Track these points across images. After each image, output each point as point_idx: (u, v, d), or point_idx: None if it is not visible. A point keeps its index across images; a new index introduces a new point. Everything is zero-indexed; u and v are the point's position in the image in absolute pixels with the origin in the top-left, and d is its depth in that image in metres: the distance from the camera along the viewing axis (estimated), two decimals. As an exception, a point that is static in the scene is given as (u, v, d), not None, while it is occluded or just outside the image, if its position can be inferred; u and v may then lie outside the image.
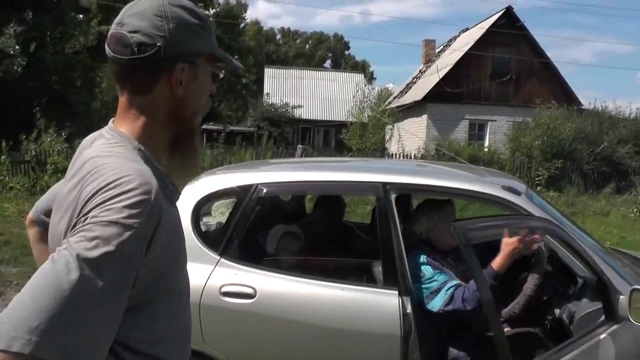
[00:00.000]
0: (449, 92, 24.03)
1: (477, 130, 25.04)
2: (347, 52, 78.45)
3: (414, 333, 2.73)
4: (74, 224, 1.07)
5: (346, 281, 3.00)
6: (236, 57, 50.49)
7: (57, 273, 0.96)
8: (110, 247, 1.00)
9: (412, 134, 24.33)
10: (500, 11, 25.42)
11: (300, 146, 15.39)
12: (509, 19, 24.95)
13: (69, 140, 15.41)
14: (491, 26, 24.96)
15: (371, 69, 72.83)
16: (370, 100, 27.05)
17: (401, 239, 2.90)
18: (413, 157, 19.52)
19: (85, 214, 1.05)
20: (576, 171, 18.88)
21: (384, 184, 3.04)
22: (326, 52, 76.40)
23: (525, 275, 3.10)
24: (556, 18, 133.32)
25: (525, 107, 22.95)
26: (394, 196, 3.01)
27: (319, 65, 64.07)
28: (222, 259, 2.99)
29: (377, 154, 21.75)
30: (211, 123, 34.63)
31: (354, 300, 2.87)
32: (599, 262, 2.69)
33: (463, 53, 24.92)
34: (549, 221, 2.75)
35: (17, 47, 24.40)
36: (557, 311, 3.09)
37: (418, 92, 26.25)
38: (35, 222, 1.67)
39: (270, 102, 34.39)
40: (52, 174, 13.65)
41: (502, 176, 3.96)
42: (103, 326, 0.99)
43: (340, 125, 30.32)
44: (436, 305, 2.88)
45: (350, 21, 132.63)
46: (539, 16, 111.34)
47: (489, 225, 2.49)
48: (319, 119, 36.06)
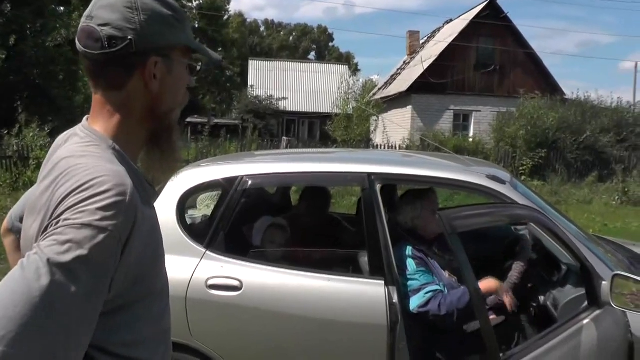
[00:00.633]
0: (434, 83, 24.08)
1: (462, 121, 25.13)
2: (331, 44, 78.36)
3: (401, 323, 2.73)
4: (46, 227, 1.02)
5: (332, 272, 3.00)
6: (220, 49, 50.38)
7: (27, 279, 0.91)
8: (84, 250, 0.95)
9: (397, 124, 24.37)
10: (483, 2, 25.44)
11: (285, 138, 15.36)
12: (492, 10, 25.01)
13: (52, 134, 15.21)
14: (475, 17, 25.00)
15: (356, 60, 72.85)
16: (355, 91, 27.05)
17: (387, 229, 2.90)
18: (398, 148, 19.56)
19: (57, 216, 1.01)
20: (560, 160, 19.05)
21: (369, 174, 3.03)
22: (310, 44, 76.23)
23: (510, 263, 3.12)
24: (540, 9, 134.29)
25: (510, 97, 23.08)
26: (379, 186, 3.01)
27: (303, 57, 63.90)
28: (208, 252, 2.97)
29: (362, 145, 21.77)
30: (196, 116, 34.45)
31: (340, 291, 2.87)
32: (582, 249, 2.71)
33: (447, 44, 24.95)
34: (534, 209, 2.77)
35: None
36: (541, 298, 3.11)
37: (402, 84, 26.27)
38: (10, 231, 1.61)
39: (255, 95, 34.24)
40: (35, 169, 13.44)
41: (487, 165, 3.98)
42: (76, 334, 0.95)
43: (325, 117, 30.32)
44: (412, 304, 2.89)
45: (335, 13, 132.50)
46: (522, 7, 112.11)
47: (474, 214, 2.49)
48: (303, 111, 36.00)
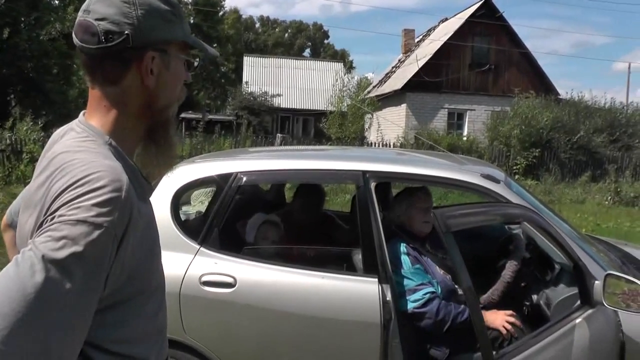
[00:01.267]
0: (428, 82, 24.08)
1: (456, 120, 25.17)
2: (326, 41, 78.34)
3: (394, 320, 2.73)
4: (41, 223, 1.01)
5: (326, 269, 2.98)
6: (215, 45, 50.31)
7: (21, 276, 0.91)
8: (79, 247, 0.95)
9: (392, 122, 24.39)
10: (479, 1, 25.47)
11: (279, 135, 15.31)
12: (488, 10, 25.03)
13: (46, 128, 15.17)
14: (470, 16, 25.02)
15: (350, 58, 72.74)
16: (349, 89, 27.04)
17: (381, 227, 2.90)
18: (392, 146, 19.56)
19: (52, 212, 1.00)
20: (553, 160, 19.10)
21: (364, 172, 3.03)
22: (305, 41, 76.18)
23: (504, 262, 3.13)
24: (535, 9, 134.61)
25: (504, 96, 23.14)
26: (373, 184, 3.00)
27: (298, 54, 63.87)
28: (201, 248, 2.96)
29: (357, 142, 21.77)
30: (190, 112, 34.36)
31: (334, 288, 2.87)
32: (575, 248, 2.72)
33: (442, 43, 24.96)
34: (528, 208, 2.77)
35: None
36: (534, 297, 3.12)
37: (397, 82, 26.26)
38: (10, 226, 1.60)
39: (249, 91, 34.14)
40: (28, 163, 13.38)
41: (482, 164, 3.99)
42: (71, 331, 0.95)
43: (319, 114, 30.30)
44: (409, 305, 2.88)
45: (330, 10, 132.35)
46: (518, 7, 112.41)
47: (469, 212, 2.50)
48: (298, 107, 35.96)
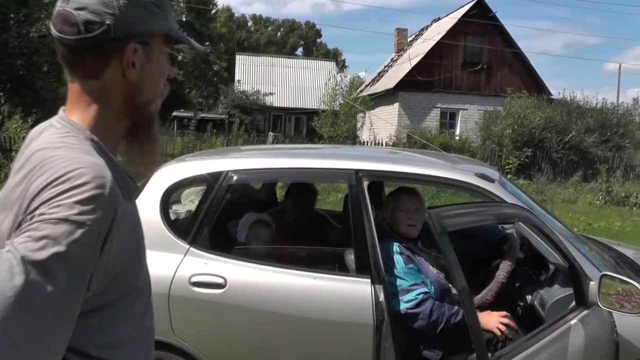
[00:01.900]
0: (421, 81, 24.12)
1: (449, 119, 25.24)
2: (319, 40, 78.33)
3: (387, 322, 2.70)
4: (19, 223, 0.97)
5: (318, 270, 2.95)
6: (207, 43, 50.24)
7: None
8: (61, 247, 0.91)
9: (385, 121, 24.39)
10: (471, 1, 25.54)
11: (271, 133, 15.27)
12: (480, 9, 25.12)
13: (36, 126, 15.01)
14: (463, 16, 25.11)
15: (343, 57, 72.70)
16: (342, 88, 27.02)
17: (374, 226, 2.87)
18: (385, 144, 19.56)
19: (32, 211, 0.95)
20: (545, 160, 19.15)
21: (357, 171, 2.99)
22: (298, 39, 76.11)
23: (498, 262, 3.10)
24: (528, 9, 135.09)
25: (496, 96, 23.22)
26: (366, 183, 2.97)
27: (290, 53, 63.78)
28: (191, 248, 2.92)
29: (349, 141, 21.75)
30: (182, 110, 34.24)
31: (325, 289, 2.83)
32: (570, 248, 2.70)
33: (435, 42, 25.03)
34: (522, 208, 2.74)
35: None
36: (529, 298, 3.09)
37: (390, 81, 26.29)
38: None
39: (242, 90, 34.08)
40: (18, 161, 13.27)
41: (476, 164, 3.97)
42: (54, 335, 0.91)
43: (311, 113, 30.24)
44: (402, 305, 2.84)
45: (323, 9, 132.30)
46: (510, 7, 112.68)
47: (463, 212, 2.46)
48: (290, 106, 35.93)
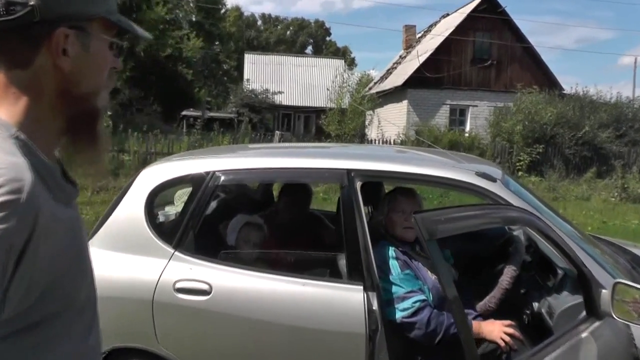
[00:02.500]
0: (430, 78, 23.93)
1: (458, 116, 25.02)
2: (328, 39, 78.28)
3: (381, 331, 2.54)
4: None
5: (308, 275, 2.81)
6: (217, 42, 50.23)
7: None
8: None
9: (392, 120, 24.20)
10: (480, -4, 25.26)
11: (277, 132, 15.16)
12: (489, 4, 24.87)
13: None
14: (472, 11, 24.90)
15: (352, 55, 72.56)
16: (349, 85, 26.84)
17: (367, 229, 2.70)
18: (392, 142, 19.35)
19: None
20: (558, 156, 18.88)
21: (349, 170, 2.83)
22: (307, 38, 76.15)
23: (502, 267, 2.90)
24: (537, 4, 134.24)
25: (507, 92, 22.96)
26: (359, 184, 2.80)
27: (300, 52, 63.86)
28: (176, 253, 2.80)
29: (356, 140, 21.58)
30: (191, 109, 34.24)
31: (315, 296, 2.68)
32: (579, 253, 2.48)
33: (443, 38, 24.82)
34: (525, 210, 2.53)
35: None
36: (535, 305, 2.89)
37: (398, 78, 26.12)
38: None
39: (251, 88, 34.10)
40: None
41: (479, 162, 3.77)
42: None
43: (321, 111, 30.12)
44: (398, 314, 2.68)
45: (332, 7, 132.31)
46: (519, 2, 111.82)
47: (457, 216, 2.23)
48: (299, 105, 35.95)
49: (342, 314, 2.61)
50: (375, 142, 20.32)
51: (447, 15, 29.11)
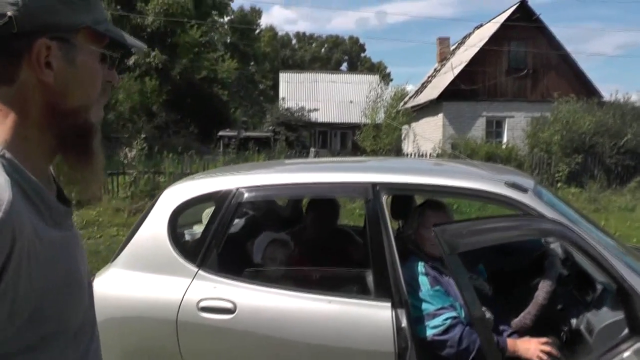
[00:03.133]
0: (465, 90, 23.66)
1: (495, 127, 24.62)
2: (363, 55, 78.39)
3: (411, 349, 2.44)
4: None
5: (335, 293, 2.72)
6: (252, 63, 50.83)
7: None
8: None
9: (428, 134, 23.97)
10: (514, 5, 24.94)
11: (312, 149, 15.14)
12: (523, 13, 24.49)
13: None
14: (505, 21, 24.56)
15: (388, 70, 72.43)
16: (384, 100, 26.74)
17: (394, 245, 2.61)
18: (429, 156, 19.14)
19: None
20: (598, 166, 18.32)
21: (374, 184, 2.75)
22: (342, 55, 76.40)
23: (537, 281, 2.78)
24: (574, 11, 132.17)
25: (543, 101, 22.55)
26: (384, 197, 2.72)
27: (335, 69, 64.15)
28: (200, 271, 2.77)
29: (392, 154, 21.43)
30: (227, 130, 34.65)
31: (341, 314, 2.60)
32: (619, 267, 2.33)
33: (477, 49, 24.54)
34: (558, 222, 2.39)
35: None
36: (574, 321, 2.75)
37: (433, 91, 25.91)
38: None
39: (286, 107, 34.29)
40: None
41: (514, 173, 3.63)
42: None
43: (357, 128, 30.12)
44: (428, 331, 2.59)
45: (366, 23, 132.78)
46: (555, 10, 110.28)
47: (481, 229, 2.12)
48: (335, 121, 36.00)
49: (370, 332, 2.53)
50: (410, 156, 20.14)
51: (481, 25, 28.83)
